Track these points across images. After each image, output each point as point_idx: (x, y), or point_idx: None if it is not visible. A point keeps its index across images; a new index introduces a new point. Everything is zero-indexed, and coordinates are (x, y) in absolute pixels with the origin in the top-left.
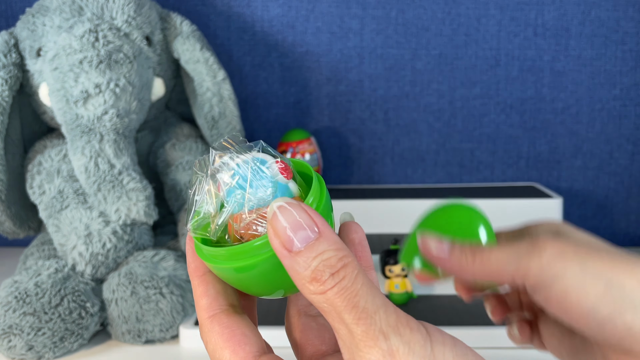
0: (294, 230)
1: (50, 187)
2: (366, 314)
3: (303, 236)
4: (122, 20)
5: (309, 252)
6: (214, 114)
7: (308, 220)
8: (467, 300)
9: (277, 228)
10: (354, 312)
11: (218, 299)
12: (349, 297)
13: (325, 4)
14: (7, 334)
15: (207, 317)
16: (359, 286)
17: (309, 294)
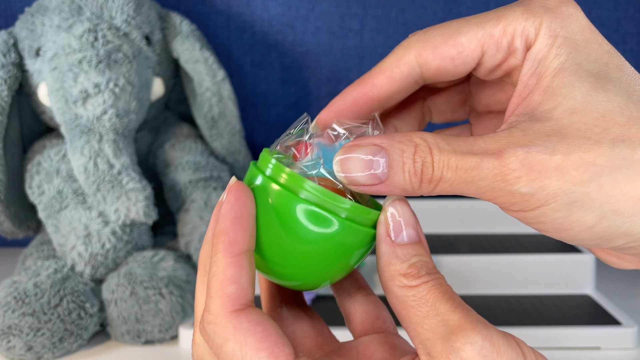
0: (406, 224)
1: (50, 187)
2: (462, 305)
3: (410, 233)
4: (122, 19)
5: (410, 248)
6: (214, 114)
7: (416, 224)
8: None
9: (393, 215)
10: (450, 302)
11: (248, 290)
12: (445, 291)
13: (325, 4)
14: (6, 334)
15: (231, 310)
16: (451, 289)
17: (396, 287)
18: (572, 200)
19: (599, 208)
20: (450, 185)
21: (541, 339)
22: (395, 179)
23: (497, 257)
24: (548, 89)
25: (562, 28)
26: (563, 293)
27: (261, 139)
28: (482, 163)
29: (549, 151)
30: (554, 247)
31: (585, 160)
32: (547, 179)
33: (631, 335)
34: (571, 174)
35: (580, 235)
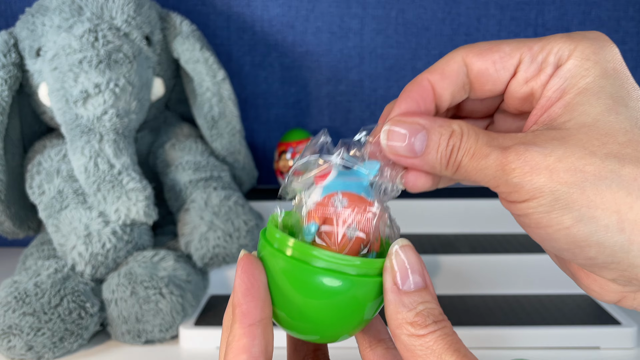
0: (412, 271)
1: (50, 187)
2: (468, 358)
3: (417, 280)
4: (122, 20)
5: (417, 296)
6: (214, 114)
7: (422, 269)
8: None
9: (399, 263)
10: (456, 354)
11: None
12: (451, 342)
13: (325, 4)
14: (7, 334)
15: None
16: (458, 339)
17: (404, 335)
18: (556, 198)
19: (578, 210)
20: (466, 170)
21: (541, 338)
22: (428, 157)
23: (497, 257)
24: (569, 104)
25: (595, 54)
26: (563, 293)
27: (261, 139)
28: (490, 154)
29: (547, 152)
30: None
31: (575, 165)
32: (537, 175)
33: (631, 335)
34: (559, 174)
35: (556, 235)
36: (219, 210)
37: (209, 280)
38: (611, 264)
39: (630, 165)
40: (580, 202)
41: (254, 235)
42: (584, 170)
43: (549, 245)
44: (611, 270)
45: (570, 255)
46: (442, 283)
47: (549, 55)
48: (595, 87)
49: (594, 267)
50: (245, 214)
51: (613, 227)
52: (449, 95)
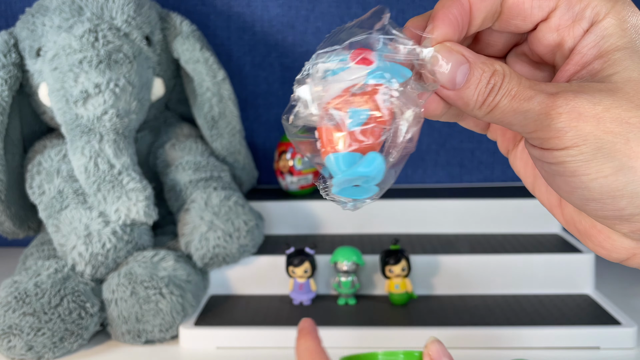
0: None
1: (50, 187)
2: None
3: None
4: (122, 20)
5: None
6: (214, 114)
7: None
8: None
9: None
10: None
11: None
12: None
13: (325, 4)
14: (7, 334)
15: None
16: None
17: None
18: (599, 147)
19: (619, 160)
20: (502, 112)
21: (541, 339)
22: (466, 91)
23: (497, 257)
24: (609, 59)
25: (632, 15)
26: (563, 293)
27: (261, 139)
28: (535, 97)
29: (595, 101)
30: (554, 247)
31: (622, 116)
32: (584, 122)
33: (631, 335)
34: (606, 124)
35: (591, 184)
36: (219, 211)
37: (209, 281)
38: (636, 216)
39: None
40: (622, 152)
41: (254, 235)
42: (629, 122)
43: (578, 195)
44: (632, 222)
45: (597, 207)
46: (442, 283)
47: (586, 8)
48: (635, 47)
49: (617, 219)
50: (246, 214)
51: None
52: (481, 19)
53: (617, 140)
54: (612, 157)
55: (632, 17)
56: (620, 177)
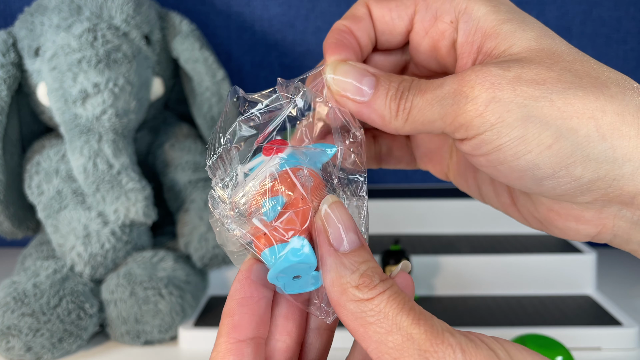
0: (346, 229)
1: (49, 187)
2: (424, 316)
3: (353, 238)
4: (121, 19)
5: (356, 256)
6: (214, 114)
7: (355, 226)
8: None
9: (330, 220)
10: (412, 314)
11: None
12: (403, 301)
13: (325, 3)
14: (6, 335)
15: None
16: (406, 297)
17: (350, 302)
18: (527, 115)
19: (554, 124)
20: (419, 111)
21: None
22: (377, 101)
23: (497, 257)
24: (499, 34)
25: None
26: (563, 293)
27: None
28: (445, 81)
29: (505, 67)
30: (555, 247)
31: (536, 78)
32: (500, 90)
33: (632, 336)
34: (522, 88)
35: (539, 159)
36: None
37: (209, 281)
38: (596, 182)
39: (585, 77)
40: (553, 115)
41: None
42: (545, 82)
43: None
44: (593, 190)
45: (553, 183)
46: (442, 283)
47: (444, 3)
48: (517, 17)
49: (577, 191)
50: None
51: (593, 135)
52: (368, 40)
53: (542, 104)
54: (545, 124)
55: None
56: (564, 143)
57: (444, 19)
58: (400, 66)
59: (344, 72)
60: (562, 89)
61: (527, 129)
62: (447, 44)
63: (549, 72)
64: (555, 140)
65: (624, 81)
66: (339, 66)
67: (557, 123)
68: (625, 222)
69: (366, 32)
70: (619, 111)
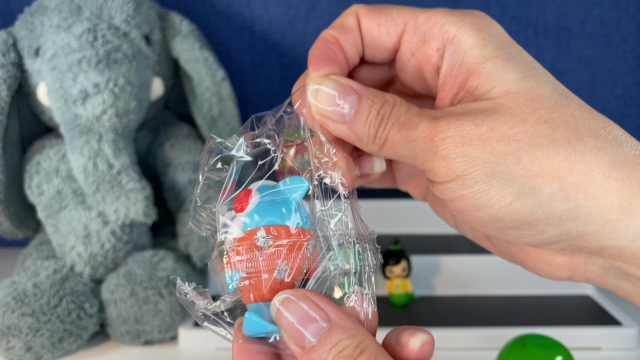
0: (303, 324)
1: (49, 187)
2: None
3: (314, 329)
4: (121, 19)
5: (322, 345)
6: (213, 114)
7: (316, 309)
8: None
9: (284, 324)
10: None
11: None
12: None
13: (325, 3)
14: (6, 334)
15: None
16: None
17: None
18: (492, 172)
19: (517, 182)
20: (393, 143)
21: None
22: (357, 123)
23: (497, 257)
24: (481, 74)
25: (485, 27)
26: (563, 293)
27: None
28: (420, 124)
29: (477, 122)
30: None
31: (507, 134)
32: (469, 146)
33: (632, 336)
34: (492, 145)
35: (500, 214)
36: None
37: (209, 281)
38: (560, 236)
39: (561, 128)
40: (518, 173)
41: None
42: (516, 138)
43: (492, 227)
44: (560, 242)
45: (517, 234)
46: (442, 283)
47: (433, 27)
48: (503, 54)
49: (541, 242)
50: None
51: (557, 194)
52: (355, 52)
53: (509, 162)
54: (508, 181)
55: (488, 27)
56: (526, 201)
57: (431, 45)
58: (386, 80)
59: (325, 92)
60: (532, 145)
61: (490, 184)
62: (432, 70)
63: (523, 125)
64: (517, 198)
65: (604, 132)
66: (322, 82)
67: (520, 181)
68: (597, 267)
69: (354, 44)
70: (588, 170)
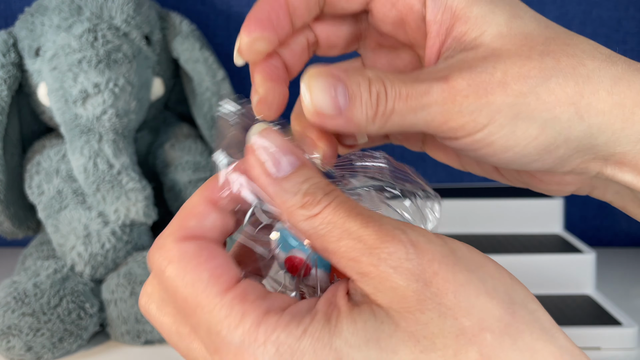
0: (283, 152)
1: (49, 187)
2: (373, 219)
3: (291, 160)
4: (121, 19)
5: (297, 176)
6: (214, 114)
7: (292, 147)
8: None
9: (261, 151)
10: (359, 218)
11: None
12: (350, 207)
13: None
14: (6, 334)
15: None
16: (356, 203)
17: (300, 222)
18: (516, 113)
19: (540, 117)
20: (400, 117)
21: None
22: (354, 111)
23: (497, 257)
24: (469, 19)
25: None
26: (563, 293)
27: None
28: (431, 88)
29: (490, 70)
30: (554, 247)
31: (522, 73)
32: (492, 94)
33: (632, 336)
34: (512, 87)
35: (527, 150)
36: None
37: None
38: (577, 154)
39: (563, 57)
40: (539, 108)
41: None
42: (530, 75)
43: (518, 163)
44: (574, 160)
45: (538, 164)
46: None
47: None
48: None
49: (558, 165)
50: None
51: (574, 118)
52: (305, 10)
53: (530, 100)
54: (532, 118)
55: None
56: (549, 132)
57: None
58: (355, 35)
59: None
60: (545, 78)
61: (516, 125)
62: (416, 18)
63: (531, 61)
64: (542, 131)
65: (597, 52)
66: (313, 81)
67: (542, 116)
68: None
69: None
70: (595, 90)
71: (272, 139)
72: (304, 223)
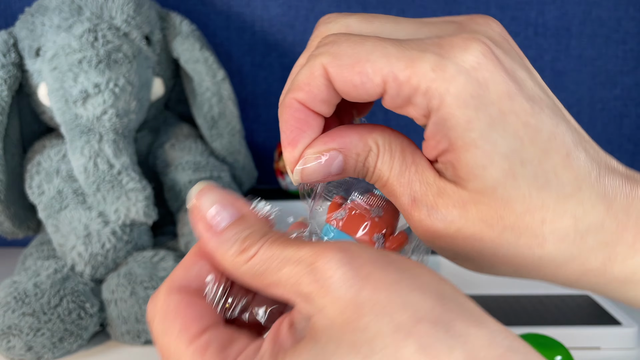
0: (222, 207)
1: (50, 187)
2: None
3: (230, 213)
4: (122, 19)
5: (235, 226)
6: (214, 114)
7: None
8: None
9: (202, 207)
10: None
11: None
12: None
13: (325, 4)
14: (6, 334)
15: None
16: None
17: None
18: None
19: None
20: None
21: None
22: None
23: None
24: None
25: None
26: (563, 293)
27: (261, 139)
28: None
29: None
30: None
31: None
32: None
33: (631, 335)
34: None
35: None
36: None
37: None
38: None
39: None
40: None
41: None
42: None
43: None
44: None
45: None
46: None
47: (416, 94)
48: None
49: None
50: None
51: None
52: (326, 107)
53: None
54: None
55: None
56: None
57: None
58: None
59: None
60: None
61: None
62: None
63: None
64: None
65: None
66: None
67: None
68: None
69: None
70: None
71: (210, 195)
72: (245, 267)
